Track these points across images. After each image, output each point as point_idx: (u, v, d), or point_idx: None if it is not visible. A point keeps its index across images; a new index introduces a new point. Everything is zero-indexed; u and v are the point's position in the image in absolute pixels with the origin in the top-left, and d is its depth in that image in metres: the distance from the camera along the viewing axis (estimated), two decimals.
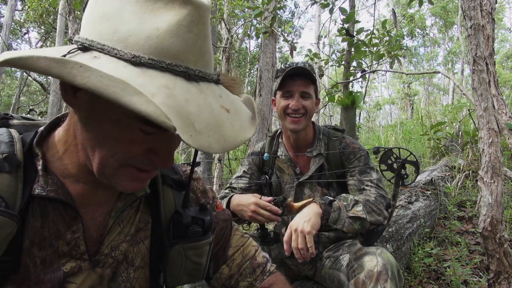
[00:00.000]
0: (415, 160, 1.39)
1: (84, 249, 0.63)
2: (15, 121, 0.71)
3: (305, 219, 1.27)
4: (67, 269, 0.61)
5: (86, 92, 0.52)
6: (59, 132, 0.64)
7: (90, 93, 0.52)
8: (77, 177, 0.63)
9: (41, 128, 0.66)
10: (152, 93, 0.45)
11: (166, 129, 0.44)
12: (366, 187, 1.50)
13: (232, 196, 1.54)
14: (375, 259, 1.22)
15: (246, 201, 1.45)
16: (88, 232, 0.65)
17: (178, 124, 0.44)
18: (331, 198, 1.39)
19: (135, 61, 0.48)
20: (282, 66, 1.59)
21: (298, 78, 1.53)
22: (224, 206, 1.48)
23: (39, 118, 0.78)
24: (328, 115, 10.28)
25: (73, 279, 0.62)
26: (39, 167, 0.61)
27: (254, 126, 0.59)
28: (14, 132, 0.63)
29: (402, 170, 1.38)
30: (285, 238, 1.29)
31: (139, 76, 0.47)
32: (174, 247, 0.71)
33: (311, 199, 1.40)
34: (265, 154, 1.69)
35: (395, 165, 1.39)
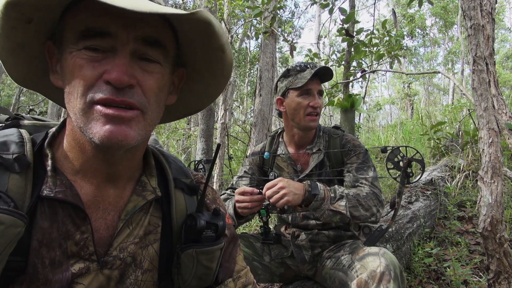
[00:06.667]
0: (421, 158, 1.40)
1: (93, 250, 0.63)
2: (25, 122, 0.71)
3: (296, 192, 1.36)
4: (75, 269, 0.61)
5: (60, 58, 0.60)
6: (66, 127, 0.65)
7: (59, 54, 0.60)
8: (84, 171, 0.63)
9: (53, 129, 0.66)
10: None
11: (105, 32, 0.55)
12: (360, 184, 1.51)
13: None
14: (378, 260, 1.23)
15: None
16: (97, 233, 0.64)
17: None
18: (320, 185, 1.40)
19: None
20: (292, 65, 1.61)
21: (314, 77, 1.56)
22: (230, 208, 1.49)
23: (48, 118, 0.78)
24: (328, 115, 10.29)
25: (81, 280, 0.61)
26: (48, 168, 0.61)
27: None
28: (24, 132, 0.64)
29: (408, 168, 1.39)
30: (270, 183, 1.37)
31: None
32: (187, 251, 0.70)
33: None
34: (266, 153, 1.70)
35: (401, 163, 1.40)
